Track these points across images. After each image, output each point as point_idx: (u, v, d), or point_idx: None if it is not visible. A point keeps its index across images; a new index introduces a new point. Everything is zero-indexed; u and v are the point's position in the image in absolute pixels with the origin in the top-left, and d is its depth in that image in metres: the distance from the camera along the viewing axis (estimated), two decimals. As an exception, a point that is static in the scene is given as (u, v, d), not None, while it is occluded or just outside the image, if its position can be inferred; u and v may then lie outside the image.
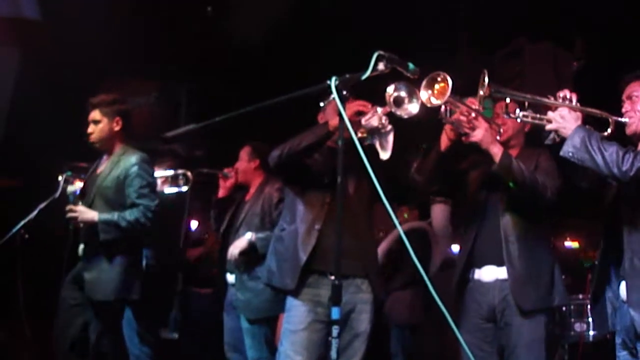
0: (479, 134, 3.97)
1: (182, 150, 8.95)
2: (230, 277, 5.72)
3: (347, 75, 3.25)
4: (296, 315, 4.16)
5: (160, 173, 6.43)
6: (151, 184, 5.16)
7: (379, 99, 3.96)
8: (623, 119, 3.68)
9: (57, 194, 5.39)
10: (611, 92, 3.87)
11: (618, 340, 3.66)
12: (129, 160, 5.06)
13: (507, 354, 4.10)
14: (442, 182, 4.35)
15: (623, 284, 3.59)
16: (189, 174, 6.45)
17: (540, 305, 4.08)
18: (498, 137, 4.08)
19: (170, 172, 6.45)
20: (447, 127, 4.08)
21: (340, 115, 3.17)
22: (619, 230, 3.61)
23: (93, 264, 4.94)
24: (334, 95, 3.12)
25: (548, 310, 4.13)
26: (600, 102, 3.79)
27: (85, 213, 4.89)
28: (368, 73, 3.27)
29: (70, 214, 4.88)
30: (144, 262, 6.18)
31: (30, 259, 5.76)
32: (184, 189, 6.45)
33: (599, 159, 3.43)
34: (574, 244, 10.79)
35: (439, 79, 3.74)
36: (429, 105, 3.76)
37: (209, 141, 8.84)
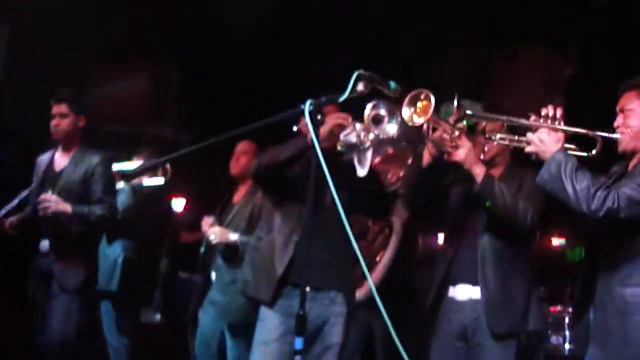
0: (462, 153, 3.91)
1: (169, 133, 8.93)
2: (213, 276, 5.68)
3: (323, 99, 3.17)
4: (268, 326, 4.12)
5: (137, 163, 6.38)
6: (114, 182, 5.43)
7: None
8: (614, 135, 3.50)
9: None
10: (609, 99, 3.69)
11: None
12: (94, 158, 5.15)
13: None
14: (423, 198, 4.29)
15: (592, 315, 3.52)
16: (167, 165, 6.38)
17: (513, 330, 4.05)
18: (482, 155, 4.01)
19: (149, 163, 6.36)
20: (429, 145, 4.01)
21: (312, 142, 3.07)
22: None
23: (62, 257, 4.98)
24: (307, 121, 3.03)
25: (521, 335, 4.09)
26: (598, 110, 3.67)
27: (60, 203, 4.90)
28: (346, 95, 3.19)
29: (44, 204, 4.87)
30: (122, 255, 6.21)
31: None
32: (162, 180, 6.39)
33: (570, 192, 3.28)
34: (561, 241, 10.74)
35: (421, 96, 3.66)
36: (411, 123, 3.68)
37: (197, 125, 8.79)
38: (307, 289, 3.91)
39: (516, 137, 3.73)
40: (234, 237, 5.38)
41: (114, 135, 8.44)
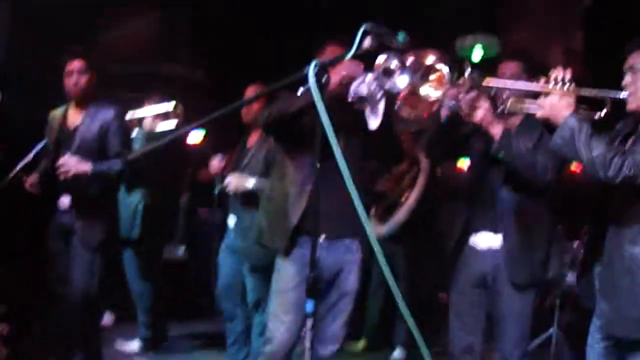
0: (479, 114, 3.91)
1: (182, 71, 8.90)
2: (231, 221, 5.73)
3: (328, 60, 3.15)
4: (285, 276, 4.20)
5: (150, 109, 6.40)
6: (130, 134, 5.59)
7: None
8: (622, 95, 3.43)
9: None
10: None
11: (596, 323, 3.56)
12: (108, 113, 5.17)
13: (494, 322, 4.17)
14: (443, 150, 4.31)
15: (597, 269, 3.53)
16: (178, 108, 6.38)
17: (531, 281, 4.13)
18: (500, 108, 3.96)
19: (160, 108, 6.39)
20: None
21: (316, 105, 3.03)
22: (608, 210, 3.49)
23: (83, 214, 5.06)
24: (312, 83, 3.00)
25: (540, 286, 4.15)
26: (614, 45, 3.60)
27: (80, 164, 4.94)
28: (352, 52, 3.16)
29: (64, 167, 4.91)
30: (142, 202, 6.29)
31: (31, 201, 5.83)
32: (175, 122, 6.40)
33: (585, 158, 3.25)
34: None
35: (432, 68, 3.63)
36: (431, 100, 3.66)
37: (208, 63, 8.75)
38: (322, 238, 4.02)
39: (527, 104, 3.69)
40: (250, 183, 5.41)
41: (127, 76, 8.45)
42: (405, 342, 6.68)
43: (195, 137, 8.74)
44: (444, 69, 3.59)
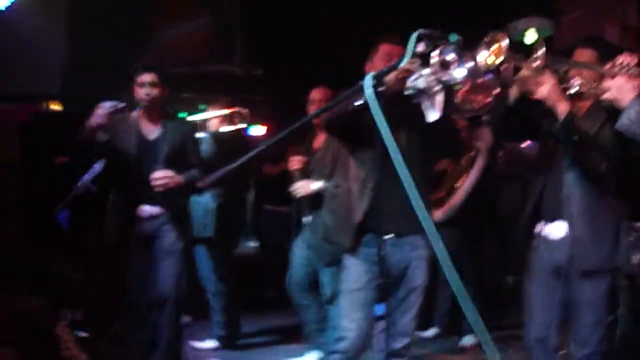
0: (545, 90, 3.84)
1: (240, 70, 8.99)
2: (307, 217, 5.87)
3: (383, 69, 3.19)
4: (353, 274, 4.27)
5: (215, 112, 6.51)
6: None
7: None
8: None
9: None
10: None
11: None
12: (185, 125, 5.57)
13: (570, 309, 4.15)
14: (513, 131, 4.31)
15: None
16: (245, 111, 6.52)
17: (600, 267, 4.08)
18: (571, 91, 3.94)
19: (226, 112, 6.51)
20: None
21: (374, 117, 3.06)
22: None
23: (168, 222, 5.31)
24: (368, 96, 3.03)
25: (611, 271, 4.12)
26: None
27: (175, 177, 5.19)
28: (407, 59, 3.19)
29: (161, 181, 5.15)
30: (214, 202, 6.42)
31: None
32: (241, 127, 6.53)
33: None
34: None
35: (494, 39, 3.62)
36: (487, 67, 3.65)
37: (266, 60, 8.83)
38: (388, 235, 4.07)
39: (594, 84, 3.68)
40: (316, 186, 5.54)
41: (183, 77, 8.57)
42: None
43: (258, 131, 8.86)
44: (504, 40, 3.58)
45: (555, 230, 4.14)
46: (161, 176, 5.14)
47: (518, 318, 4.47)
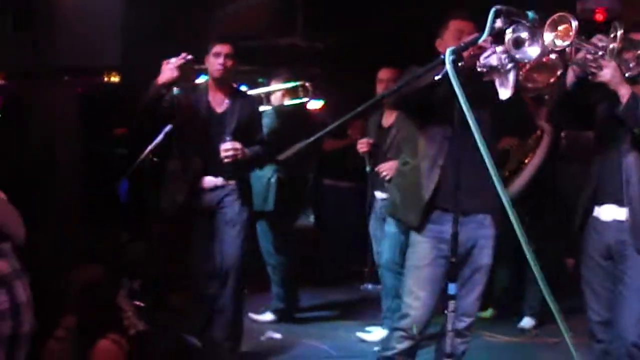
0: (607, 73, 3.77)
1: (303, 42, 8.95)
2: (380, 194, 5.93)
3: (462, 44, 3.14)
4: (420, 252, 4.24)
5: (279, 85, 6.50)
6: None
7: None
8: None
9: None
10: None
11: None
12: (252, 100, 5.54)
13: (617, 294, 4.06)
14: (569, 116, 4.22)
15: None
16: (307, 85, 6.51)
17: None
18: (629, 72, 3.87)
19: (289, 85, 6.49)
20: (573, 66, 3.91)
21: (455, 92, 3.04)
22: None
23: (231, 194, 5.32)
24: (449, 70, 3.01)
25: None
26: None
27: (244, 150, 5.20)
28: (485, 35, 3.15)
29: (230, 152, 5.16)
30: (274, 176, 6.43)
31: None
32: (305, 100, 6.52)
33: None
34: None
35: (561, 20, 3.55)
36: (553, 48, 3.59)
37: (329, 32, 8.78)
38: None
39: None
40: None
41: (247, 51, 8.55)
42: (534, 311, 6.62)
43: (315, 105, 8.83)
44: (573, 21, 3.51)
45: (605, 213, 4.08)
46: (231, 148, 5.14)
47: (577, 302, 4.39)
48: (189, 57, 5.04)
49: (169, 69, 4.98)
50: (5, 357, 3.35)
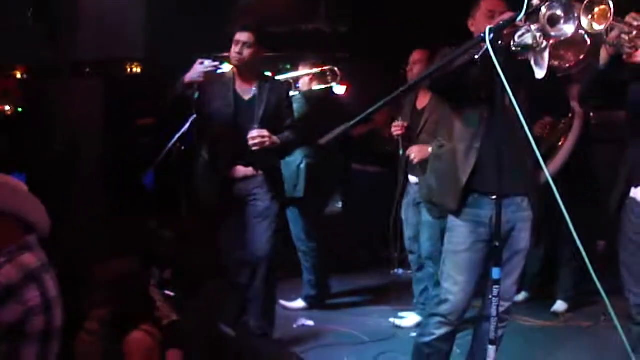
0: None
1: (326, 27, 8.89)
2: (413, 178, 5.85)
3: (502, 22, 3.08)
4: (458, 236, 4.18)
5: (307, 71, 6.46)
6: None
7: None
8: None
9: None
10: None
11: None
12: (280, 85, 5.43)
13: None
14: (601, 97, 4.15)
15: None
16: (336, 69, 6.47)
17: None
18: None
19: (317, 70, 6.45)
20: (606, 46, 3.83)
21: (495, 70, 2.98)
22: None
23: (263, 183, 5.32)
24: (490, 50, 2.95)
25: None
26: None
27: (272, 138, 5.18)
28: (523, 14, 3.09)
29: (258, 139, 5.14)
30: (304, 162, 6.40)
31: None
32: (333, 85, 6.48)
33: None
34: None
35: (598, 2, 3.48)
36: (590, 31, 3.52)
37: (353, 17, 8.72)
38: (493, 197, 3.96)
39: None
40: (429, 148, 5.41)
41: (271, 37, 8.50)
42: (566, 294, 6.57)
43: (339, 90, 8.77)
44: (609, 2, 3.44)
45: None
46: (258, 135, 5.11)
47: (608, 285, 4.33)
48: (221, 66, 5.14)
49: (198, 72, 5.06)
50: (39, 353, 3.32)
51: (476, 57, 3.64)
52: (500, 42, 3.11)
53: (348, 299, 7.06)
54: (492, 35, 2.99)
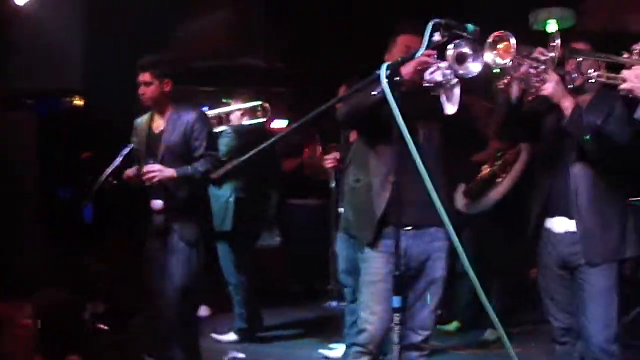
0: (550, 87, 3.85)
1: (261, 63, 8.99)
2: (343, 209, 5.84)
3: (399, 59, 3.17)
4: (374, 267, 4.23)
5: (238, 106, 6.53)
6: (213, 135, 5.60)
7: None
8: None
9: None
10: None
11: None
12: (190, 116, 5.30)
13: (579, 302, 4.11)
14: (515, 131, 4.27)
15: None
16: (266, 105, 6.54)
17: (610, 258, 4.04)
18: (573, 84, 3.92)
19: (249, 105, 6.52)
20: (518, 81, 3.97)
21: (391, 104, 3.05)
22: None
23: (176, 215, 5.22)
24: (384, 86, 3.03)
25: (620, 262, 4.08)
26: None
27: (164, 171, 5.12)
28: (423, 49, 3.18)
29: (149, 174, 5.09)
30: (233, 195, 6.43)
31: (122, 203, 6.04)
32: (262, 120, 6.55)
33: None
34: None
35: (501, 38, 3.61)
36: (495, 66, 3.64)
37: (288, 53, 8.82)
38: (408, 228, 4.04)
39: (612, 75, 3.64)
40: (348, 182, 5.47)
41: (208, 71, 8.58)
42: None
43: (278, 125, 8.86)
44: (512, 39, 3.57)
45: (557, 225, 4.14)
46: (149, 170, 5.12)
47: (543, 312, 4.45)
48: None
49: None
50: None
51: (373, 93, 3.76)
52: (398, 79, 3.18)
53: (280, 332, 7.08)
54: (388, 72, 3.05)
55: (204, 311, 7.30)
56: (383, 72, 3.07)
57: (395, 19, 4.41)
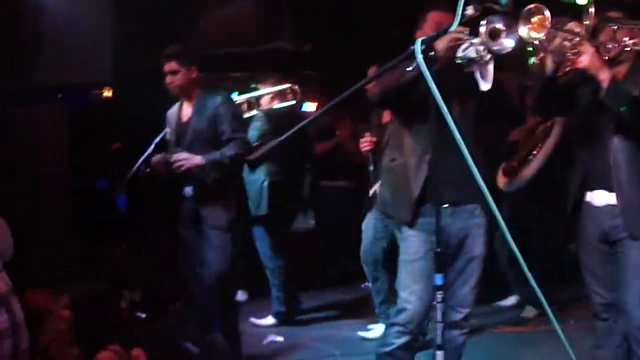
0: (585, 59, 3.79)
1: (289, 46, 8.97)
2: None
3: (433, 34, 3.14)
4: (412, 246, 4.23)
5: (267, 89, 6.52)
6: (241, 117, 5.65)
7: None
8: None
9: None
10: None
11: None
12: (216, 100, 5.28)
13: (620, 276, 4.07)
14: (550, 105, 4.23)
15: None
16: (295, 87, 6.53)
17: None
18: (607, 55, 3.87)
19: (277, 88, 6.52)
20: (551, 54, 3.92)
21: (427, 79, 3.01)
22: None
23: (207, 201, 5.25)
24: (420, 62, 3.00)
25: None
26: None
27: (191, 159, 5.13)
28: (456, 24, 3.13)
29: (177, 163, 5.11)
30: (267, 179, 6.44)
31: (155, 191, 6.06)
32: (292, 102, 6.55)
33: None
34: None
35: (534, 11, 3.57)
36: (530, 40, 3.60)
37: (315, 36, 8.80)
38: (445, 206, 4.02)
39: None
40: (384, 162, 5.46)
41: (234, 56, 8.57)
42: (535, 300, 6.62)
43: (309, 107, 8.84)
44: (546, 11, 3.53)
45: (598, 198, 4.09)
46: (177, 159, 5.14)
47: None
48: None
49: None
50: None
51: (408, 69, 3.73)
52: (433, 53, 3.15)
53: (317, 314, 7.09)
54: (423, 47, 3.02)
55: (241, 295, 7.32)
56: (418, 47, 3.03)
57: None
